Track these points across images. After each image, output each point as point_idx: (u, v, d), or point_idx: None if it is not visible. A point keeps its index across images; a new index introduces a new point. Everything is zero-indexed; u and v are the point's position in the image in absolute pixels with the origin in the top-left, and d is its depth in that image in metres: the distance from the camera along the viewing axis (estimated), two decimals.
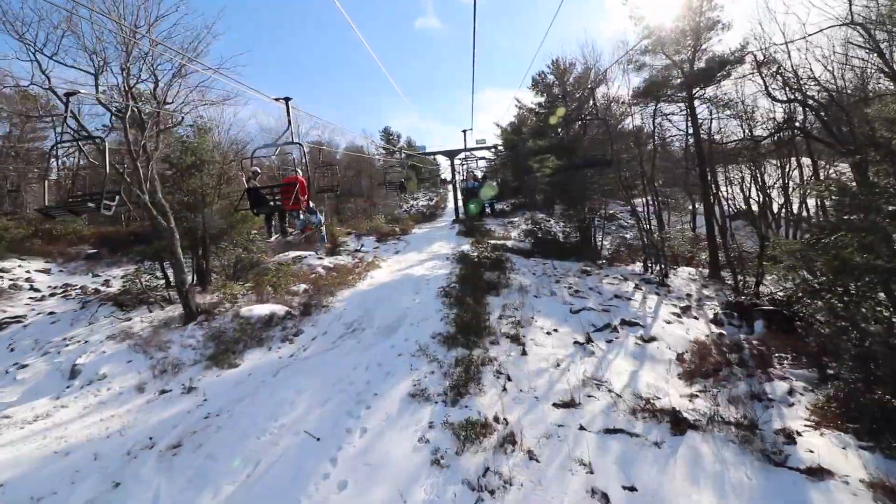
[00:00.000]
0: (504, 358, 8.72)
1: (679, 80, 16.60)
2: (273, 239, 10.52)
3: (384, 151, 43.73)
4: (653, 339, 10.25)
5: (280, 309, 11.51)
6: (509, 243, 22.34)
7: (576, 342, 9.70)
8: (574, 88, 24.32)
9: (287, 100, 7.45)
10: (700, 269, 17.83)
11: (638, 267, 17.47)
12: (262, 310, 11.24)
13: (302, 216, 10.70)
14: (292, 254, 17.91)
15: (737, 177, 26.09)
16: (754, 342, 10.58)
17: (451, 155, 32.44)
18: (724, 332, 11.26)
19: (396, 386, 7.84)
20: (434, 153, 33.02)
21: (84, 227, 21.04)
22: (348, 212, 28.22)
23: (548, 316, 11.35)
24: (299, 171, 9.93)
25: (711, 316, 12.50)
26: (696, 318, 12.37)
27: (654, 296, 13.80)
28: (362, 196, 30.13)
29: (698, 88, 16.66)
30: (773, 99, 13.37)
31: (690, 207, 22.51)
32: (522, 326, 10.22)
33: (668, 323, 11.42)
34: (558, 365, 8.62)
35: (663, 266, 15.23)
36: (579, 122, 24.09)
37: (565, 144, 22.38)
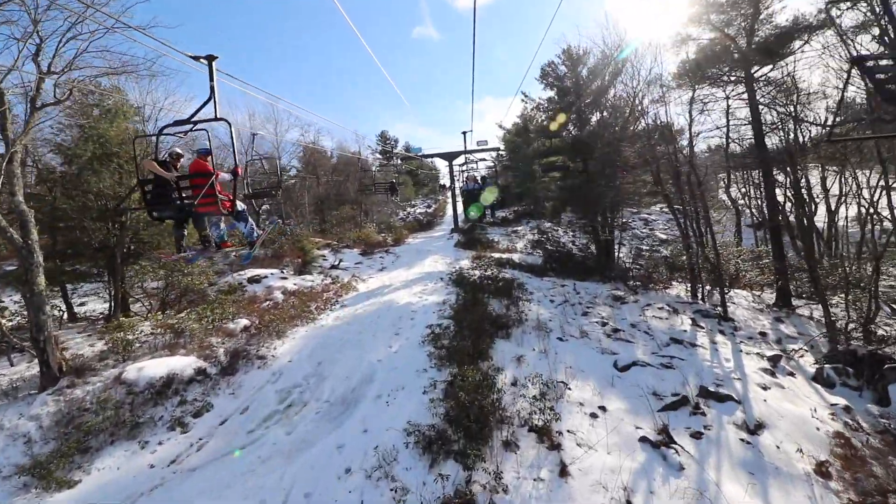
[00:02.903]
0: (530, 488, 4.69)
1: (735, 56, 12.67)
2: (186, 255, 6.44)
3: (377, 154, 39.93)
4: (761, 425, 6.21)
5: (188, 365, 7.51)
6: (516, 257, 18.36)
7: (644, 439, 5.65)
8: (590, 79, 20.39)
9: (211, 59, 5.04)
10: (753, 291, 13.82)
11: (680, 290, 13.42)
12: (158, 369, 7.24)
13: (222, 225, 6.86)
14: (251, 272, 13.93)
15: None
16: None
17: (449, 157, 28.56)
18: (850, 405, 7.21)
19: None
20: (431, 155, 29.17)
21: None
22: (334, 220, 24.33)
23: (585, 376, 7.35)
24: (231, 158, 5.93)
25: (813, 371, 8.47)
26: (791, 373, 8.35)
27: (721, 336, 9.78)
28: (351, 203, 26.25)
29: (759, 67, 12.76)
30: None
31: (734, 216, 18.46)
32: (550, 403, 6.18)
33: (765, 388, 7.38)
34: (629, 503, 4.59)
35: (721, 292, 11.16)
36: (597, 117, 20.29)
37: (583, 141, 18.43)
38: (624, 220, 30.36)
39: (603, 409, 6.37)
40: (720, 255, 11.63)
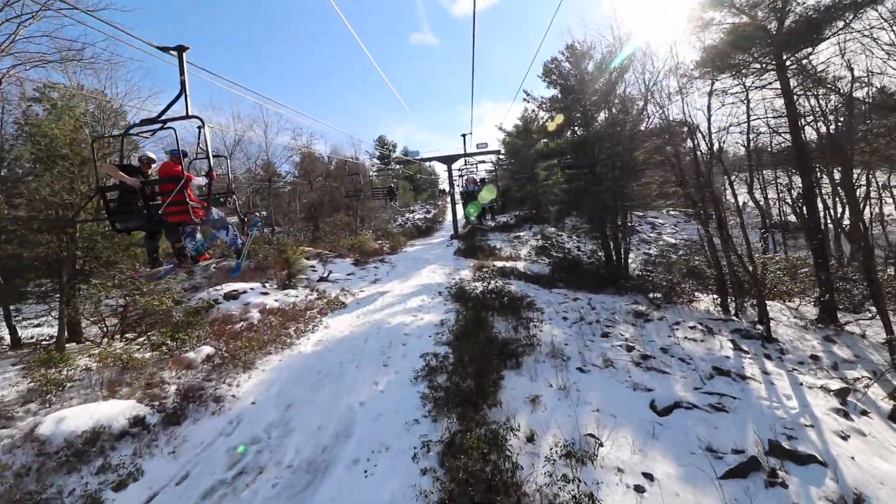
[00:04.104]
0: None
1: (765, 41, 11.13)
2: (157, 270, 5.66)
3: (375, 159, 38.51)
4: (860, 500, 4.60)
5: (123, 412, 5.94)
6: (520, 265, 16.78)
7: None
8: (596, 75, 18.87)
9: (181, 50, 4.24)
10: (786, 303, 12.19)
11: (707, 303, 11.77)
12: (82, 419, 5.67)
13: (198, 235, 5.75)
14: (229, 287, 12.36)
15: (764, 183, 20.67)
16: None
17: (448, 161, 27.07)
18: None
19: None
20: (430, 159, 27.72)
21: None
22: (327, 227, 22.78)
23: (618, 423, 5.75)
24: (206, 155, 4.98)
25: (888, 408, 6.86)
26: (864, 412, 6.74)
27: (768, 361, 8.17)
28: (345, 209, 24.72)
29: (791, 53, 11.22)
30: None
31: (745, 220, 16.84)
32: (586, 488, 4.58)
33: (844, 438, 5.77)
34: None
35: (763, 309, 9.56)
36: (604, 115, 18.78)
37: (590, 140, 16.92)
38: (629, 224, 28.93)
39: (649, 477, 4.76)
40: (756, 264, 10.03)
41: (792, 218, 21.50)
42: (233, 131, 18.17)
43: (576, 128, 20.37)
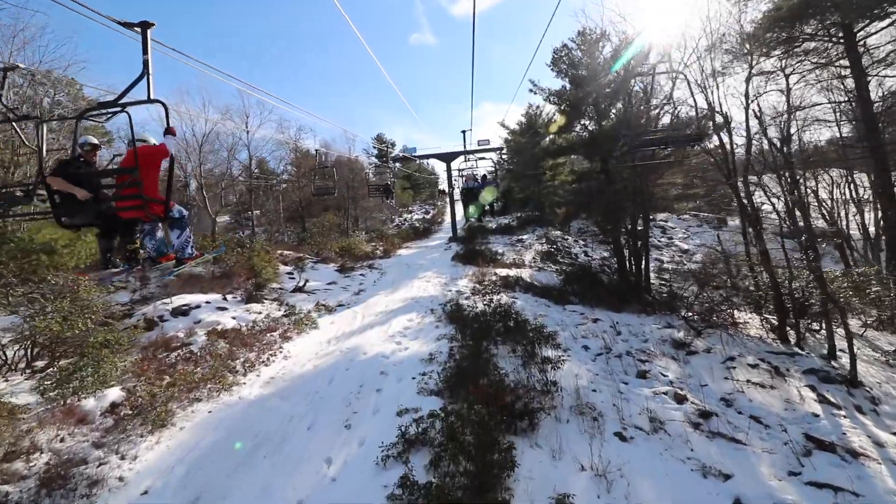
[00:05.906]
0: None
1: (832, 8, 8.92)
2: (117, 272, 4.62)
3: (371, 156, 36.32)
4: None
5: None
6: (525, 274, 14.57)
7: None
8: (612, 63, 16.67)
9: (145, 27, 3.53)
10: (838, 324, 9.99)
11: (758, 329, 9.51)
12: None
13: (159, 233, 4.77)
14: (180, 300, 10.15)
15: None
16: None
17: (447, 158, 24.96)
18: None
19: None
20: (428, 156, 25.57)
21: None
22: (314, 227, 20.56)
23: None
24: (150, 139, 4.35)
25: None
26: None
27: (860, 416, 5.97)
28: (335, 208, 22.57)
29: (867, 24, 9.02)
30: None
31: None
32: None
33: None
34: None
35: (850, 346, 7.35)
36: (617, 108, 16.60)
37: (605, 135, 14.72)
38: (639, 229, 26.68)
39: None
40: (826, 280, 7.85)
41: (817, 223, 19.36)
42: (204, 120, 16.02)
43: (586, 122, 18.18)
